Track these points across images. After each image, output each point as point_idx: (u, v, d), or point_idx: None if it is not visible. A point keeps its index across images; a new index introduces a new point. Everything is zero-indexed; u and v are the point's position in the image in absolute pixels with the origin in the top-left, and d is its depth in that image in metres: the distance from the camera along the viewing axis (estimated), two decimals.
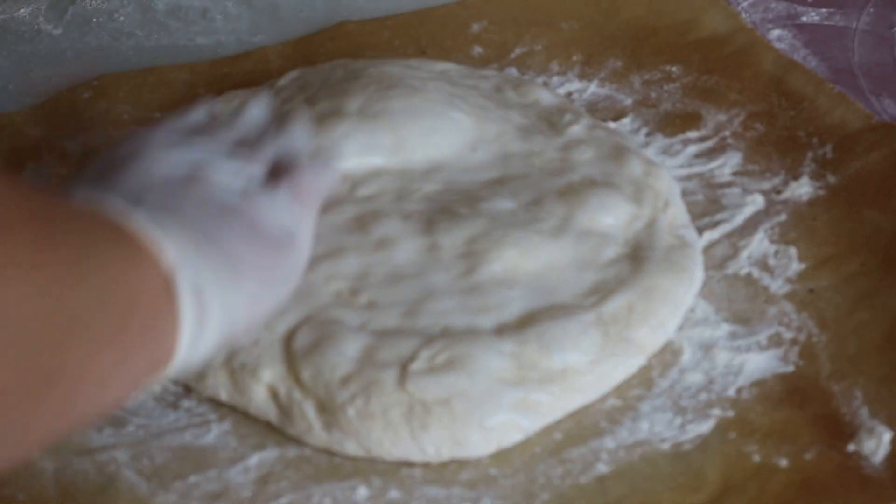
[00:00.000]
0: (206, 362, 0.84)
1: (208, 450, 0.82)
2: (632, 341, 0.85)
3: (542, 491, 0.78)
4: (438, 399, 0.80)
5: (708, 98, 1.08)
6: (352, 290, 0.88)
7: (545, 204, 0.92)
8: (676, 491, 0.77)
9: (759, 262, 0.92)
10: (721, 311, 0.89)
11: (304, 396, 0.82)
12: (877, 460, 0.78)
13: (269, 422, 0.84)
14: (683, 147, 1.04)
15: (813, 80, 1.07)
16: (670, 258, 0.89)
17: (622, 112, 1.08)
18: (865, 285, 0.89)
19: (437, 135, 0.97)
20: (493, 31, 1.18)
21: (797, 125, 1.04)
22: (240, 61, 1.18)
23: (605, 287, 0.87)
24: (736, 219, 0.96)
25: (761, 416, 0.81)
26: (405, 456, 0.80)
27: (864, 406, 0.81)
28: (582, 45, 1.16)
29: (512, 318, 0.85)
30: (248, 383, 0.84)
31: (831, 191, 0.97)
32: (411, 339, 0.83)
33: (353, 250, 0.90)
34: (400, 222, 0.91)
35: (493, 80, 1.06)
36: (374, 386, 0.81)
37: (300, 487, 0.79)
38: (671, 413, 0.82)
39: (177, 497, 0.79)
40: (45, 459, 0.81)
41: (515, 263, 0.88)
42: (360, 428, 0.80)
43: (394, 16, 1.21)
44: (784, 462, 0.78)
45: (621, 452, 0.80)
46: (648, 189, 0.94)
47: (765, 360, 0.85)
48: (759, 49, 1.12)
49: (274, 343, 0.85)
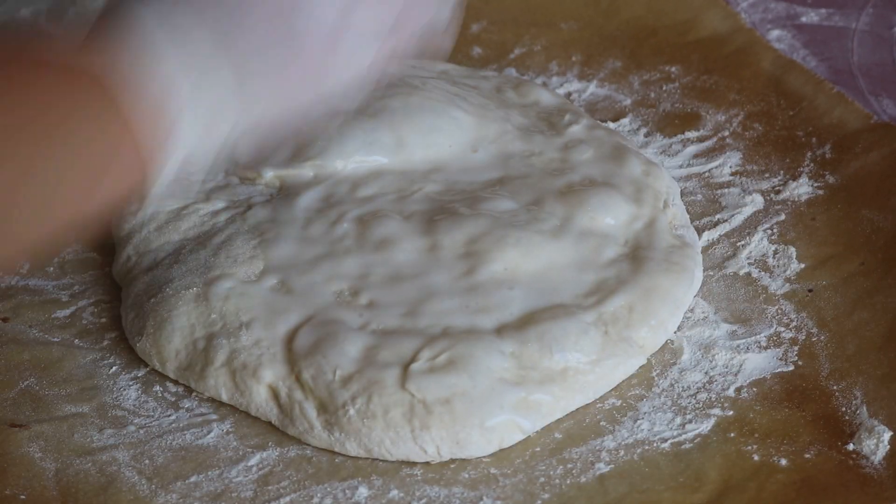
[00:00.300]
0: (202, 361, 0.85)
1: (209, 450, 0.82)
2: (632, 341, 0.85)
3: (543, 491, 0.78)
4: (439, 399, 0.80)
5: (707, 98, 1.08)
6: (353, 290, 0.88)
7: (545, 204, 0.92)
8: (676, 490, 0.77)
9: (759, 262, 0.92)
10: (720, 310, 0.89)
11: (305, 396, 0.82)
12: (876, 459, 0.78)
13: (270, 422, 0.84)
14: (683, 147, 1.04)
15: (812, 80, 1.07)
16: (670, 258, 0.89)
17: (621, 112, 1.08)
18: (865, 285, 0.89)
19: (438, 133, 0.97)
20: (493, 31, 1.18)
21: (796, 125, 1.04)
22: None
23: (606, 287, 0.87)
24: (735, 219, 0.96)
25: (761, 416, 0.81)
26: (406, 456, 0.81)
27: (864, 405, 0.81)
28: (581, 45, 1.16)
29: (512, 318, 0.85)
30: (249, 383, 0.84)
31: (830, 191, 0.97)
32: (412, 339, 0.84)
33: (353, 251, 0.90)
34: (400, 223, 0.91)
35: (493, 80, 1.07)
36: (375, 386, 0.81)
37: (301, 487, 0.79)
38: (671, 413, 0.82)
39: (177, 497, 0.79)
40: (46, 460, 0.81)
41: (516, 263, 0.88)
42: (361, 428, 0.81)
43: None
44: (784, 461, 0.78)
45: (621, 452, 0.80)
46: (648, 189, 0.95)
47: (764, 360, 0.85)
48: (758, 49, 1.12)
49: (275, 343, 0.85)
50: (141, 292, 0.91)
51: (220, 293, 0.88)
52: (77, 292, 0.95)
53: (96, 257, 0.98)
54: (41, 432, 0.83)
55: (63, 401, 0.85)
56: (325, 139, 0.96)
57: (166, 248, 0.94)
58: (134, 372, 0.88)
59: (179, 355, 0.87)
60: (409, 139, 0.97)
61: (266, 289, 0.88)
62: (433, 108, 0.98)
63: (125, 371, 0.88)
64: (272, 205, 0.95)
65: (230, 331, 0.86)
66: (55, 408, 0.85)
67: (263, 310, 0.87)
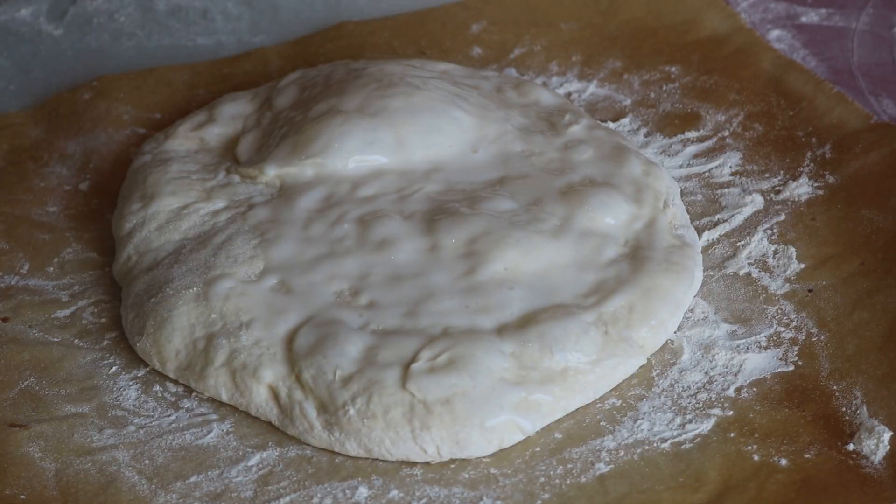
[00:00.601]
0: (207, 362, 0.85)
1: (209, 450, 0.82)
2: (632, 341, 0.85)
3: (543, 490, 0.78)
4: (439, 399, 0.80)
5: (707, 98, 1.08)
6: (353, 290, 0.88)
7: (546, 204, 0.92)
8: (676, 490, 0.77)
9: (759, 262, 0.92)
10: (720, 310, 0.89)
11: (305, 396, 0.82)
12: (876, 459, 0.78)
13: (270, 422, 0.84)
14: (683, 147, 1.04)
15: (812, 81, 1.07)
16: (670, 258, 0.89)
17: (621, 112, 1.08)
18: (864, 285, 0.89)
19: (438, 133, 0.97)
20: (493, 31, 1.19)
21: (796, 125, 1.04)
22: (240, 61, 1.18)
23: (606, 287, 0.87)
24: (735, 219, 0.96)
25: (761, 416, 0.81)
26: (406, 456, 0.81)
27: (864, 405, 0.81)
28: (581, 45, 1.16)
29: (513, 319, 0.85)
30: (249, 383, 0.84)
31: (830, 191, 0.97)
32: (412, 339, 0.84)
33: (354, 251, 0.90)
34: (401, 223, 0.91)
35: (493, 80, 1.07)
36: (376, 386, 0.81)
37: (301, 487, 0.79)
38: (671, 413, 0.82)
39: (177, 497, 0.79)
40: (46, 460, 0.81)
41: (516, 263, 0.88)
42: (361, 428, 0.81)
43: (393, 16, 1.21)
44: (784, 461, 0.78)
45: (621, 452, 0.80)
46: (648, 189, 0.95)
47: (764, 360, 0.85)
48: (757, 49, 1.12)
49: (275, 343, 0.85)
50: (141, 292, 0.91)
51: (221, 293, 0.88)
52: (77, 292, 0.95)
53: (96, 257, 0.98)
54: (41, 432, 0.83)
55: (63, 401, 0.86)
56: (327, 137, 0.96)
57: (167, 248, 0.94)
58: (134, 372, 0.88)
59: (179, 355, 0.87)
60: (410, 139, 0.97)
61: (266, 289, 0.88)
62: (433, 108, 0.99)
63: (125, 371, 0.88)
64: (272, 205, 0.95)
65: (230, 331, 0.86)
66: (55, 408, 0.85)
67: (263, 310, 0.87)
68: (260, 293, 0.88)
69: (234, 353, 0.85)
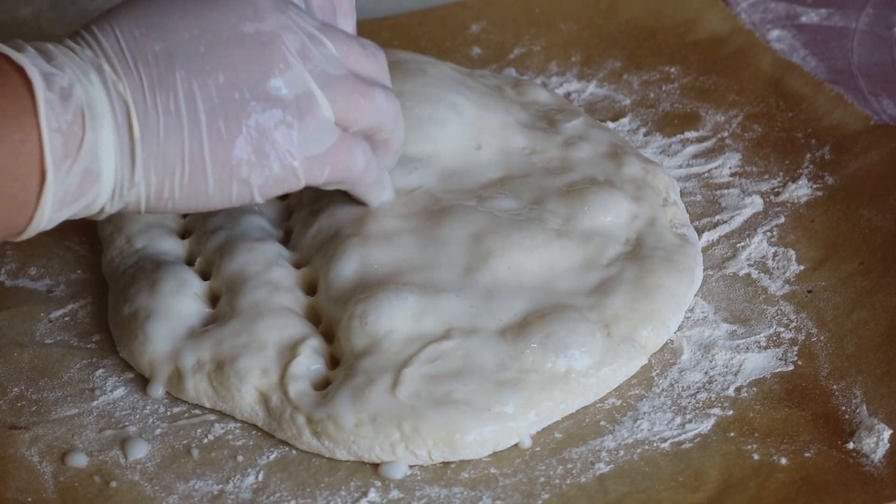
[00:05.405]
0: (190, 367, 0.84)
1: (209, 450, 0.82)
2: (634, 341, 0.84)
3: (543, 490, 0.78)
4: (430, 403, 0.79)
5: (706, 99, 1.08)
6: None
7: (547, 203, 0.92)
8: (676, 490, 0.77)
9: (759, 264, 0.92)
10: (720, 310, 0.89)
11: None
12: (876, 458, 0.78)
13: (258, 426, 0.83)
14: (682, 147, 1.04)
15: (811, 82, 1.07)
16: (671, 257, 0.89)
17: (621, 112, 1.08)
18: (864, 285, 0.89)
19: (439, 125, 0.95)
20: (492, 31, 1.19)
21: (795, 126, 1.04)
22: None
23: (608, 286, 0.86)
24: (735, 220, 0.96)
25: (761, 415, 0.81)
26: (397, 461, 0.80)
27: (864, 404, 0.81)
28: (581, 45, 1.16)
29: (515, 319, 0.84)
30: (233, 391, 0.83)
31: (830, 192, 0.97)
32: (412, 339, 0.83)
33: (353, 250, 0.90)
34: (401, 221, 0.91)
35: (492, 80, 1.06)
36: (364, 392, 0.80)
37: (301, 488, 0.79)
38: (671, 412, 0.82)
39: (177, 498, 0.79)
40: (45, 462, 0.81)
41: (518, 263, 0.87)
42: (349, 436, 0.79)
43: (393, 16, 1.21)
44: (783, 460, 0.78)
45: (621, 452, 0.80)
46: (648, 187, 0.94)
47: (764, 360, 0.85)
48: (757, 50, 1.12)
49: (262, 348, 0.84)
50: (120, 297, 0.90)
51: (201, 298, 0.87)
52: (73, 293, 0.94)
53: (91, 257, 0.97)
54: (40, 434, 0.83)
55: (62, 402, 0.85)
56: None
57: (149, 250, 0.92)
58: (131, 373, 0.88)
59: (158, 363, 0.85)
60: (411, 132, 0.95)
61: None
62: (437, 94, 0.97)
63: (123, 372, 0.88)
64: (262, 205, 0.94)
65: (213, 338, 0.85)
66: (54, 409, 0.85)
67: (248, 315, 0.86)
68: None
69: (216, 361, 0.83)
